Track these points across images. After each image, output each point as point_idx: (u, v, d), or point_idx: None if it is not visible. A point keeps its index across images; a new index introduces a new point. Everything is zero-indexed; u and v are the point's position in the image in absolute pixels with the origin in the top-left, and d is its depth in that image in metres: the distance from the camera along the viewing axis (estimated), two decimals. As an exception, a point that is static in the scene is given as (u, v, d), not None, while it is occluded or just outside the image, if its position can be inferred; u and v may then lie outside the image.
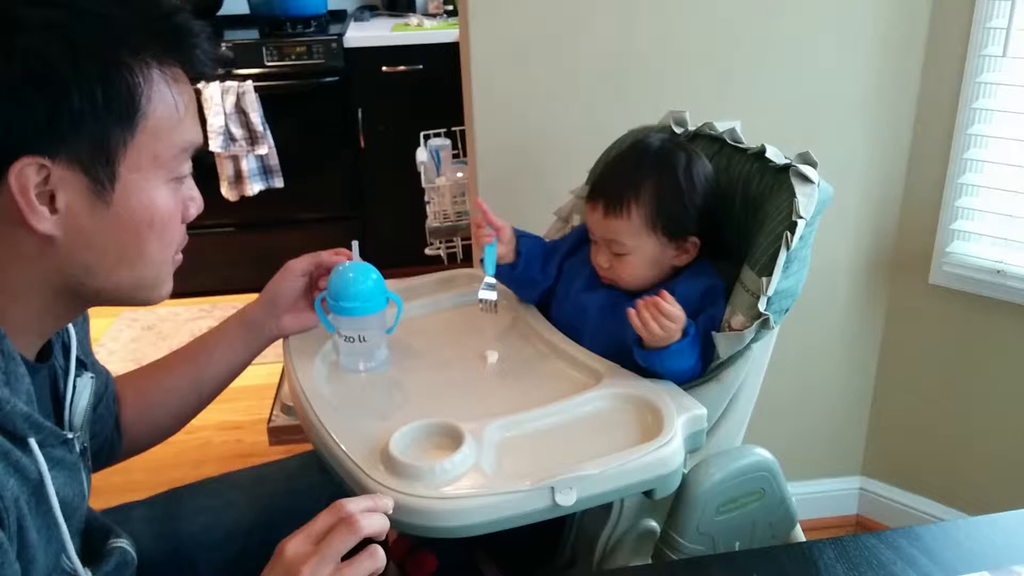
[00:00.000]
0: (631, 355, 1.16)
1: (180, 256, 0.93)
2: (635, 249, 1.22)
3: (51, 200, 0.79)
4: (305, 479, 1.21)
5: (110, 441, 1.13)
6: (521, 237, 1.31)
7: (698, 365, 1.14)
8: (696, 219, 1.23)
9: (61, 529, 0.84)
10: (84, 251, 0.82)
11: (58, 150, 0.77)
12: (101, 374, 1.10)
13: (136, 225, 0.83)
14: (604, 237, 1.24)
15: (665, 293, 1.11)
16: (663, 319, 1.09)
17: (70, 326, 0.96)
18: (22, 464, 0.79)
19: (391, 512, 0.88)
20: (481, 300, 1.28)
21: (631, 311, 1.10)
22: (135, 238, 0.84)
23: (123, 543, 0.99)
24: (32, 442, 0.81)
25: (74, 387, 0.93)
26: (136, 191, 0.82)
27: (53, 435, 0.84)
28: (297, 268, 1.24)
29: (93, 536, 0.97)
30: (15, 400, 0.79)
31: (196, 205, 0.92)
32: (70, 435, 0.88)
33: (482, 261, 1.29)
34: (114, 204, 0.81)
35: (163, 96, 0.82)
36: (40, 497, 0.82)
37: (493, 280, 1.28)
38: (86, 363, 0.98)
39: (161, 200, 0.85)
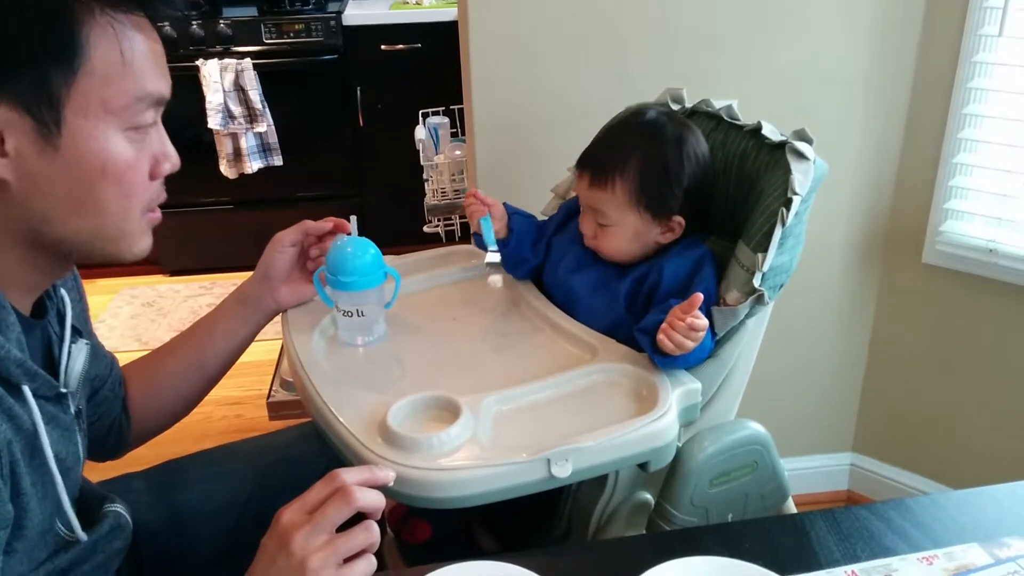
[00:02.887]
0: (623, 333, 1.16)
1: (158, 214, 0.91)
2: (618, 222, 1.20)
3: (1, 143, 0.78)
4: (303, 449, 1.22)
5: (118, 425, 1.14)
6: (513, 214, 1.31)
7: (712, 342, 1.13)
8: (681, 199, 1.20)
9: (56, 483, 0.85)
10: (38, 197, 0.81)
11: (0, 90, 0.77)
12: (105, 357, 1.11)
13: (87, 172, 0.82)
14: (590, 205, 1.23)
15: (690, 305, 1.05)
16: (695, 333, 1.04)
17: (65, 294, 0.96)
18: (15, 412, 0.80)
19: (391, 484, 0.87)
20: (488, 264, 1.28)
21: (664, 340, 1.04)
22: (88, 186, 0.82)
23: (118, 507, 1.00)
24: (27, 391, 0.82)
25: (69, 352, 0.93)
26: (85, 137, 0.81)
27: (47, 385, 0.85)
28: (286, 239, 1.24)
29: (89, 503, 0.98)
30: (9, 346, 0.79)
31: (171, 162, 0.90)
32: (63, 388, 0.89)
33: (474, 238, 1.29)
34: (62, 148, 0.80)
35: (108, 41, 0.80)
36: (35, 449, 0.83)
37: (496, 251, 1.28)
38: (82, 332, 0.98)
39: (115, 148, 0.83)
